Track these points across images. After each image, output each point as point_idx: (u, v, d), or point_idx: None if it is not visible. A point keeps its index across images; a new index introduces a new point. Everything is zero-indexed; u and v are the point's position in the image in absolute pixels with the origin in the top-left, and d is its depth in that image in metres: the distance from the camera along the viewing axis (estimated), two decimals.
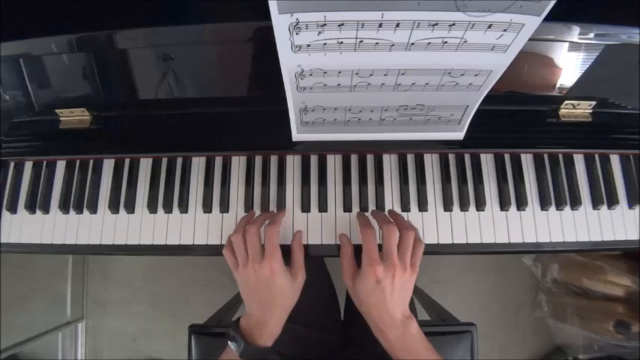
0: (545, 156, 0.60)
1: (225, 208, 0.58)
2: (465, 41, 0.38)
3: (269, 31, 0.36)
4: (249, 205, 0.58)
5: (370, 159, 0.60)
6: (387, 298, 0.44)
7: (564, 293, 1.21)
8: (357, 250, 0.51)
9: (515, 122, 0.58)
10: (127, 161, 0.62)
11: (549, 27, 0.45)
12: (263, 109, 0.57)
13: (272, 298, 0.48)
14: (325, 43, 0.38)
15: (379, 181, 0.58)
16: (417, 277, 0.47)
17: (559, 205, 0.57)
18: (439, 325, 0.79)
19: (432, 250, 0.57)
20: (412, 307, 0.80)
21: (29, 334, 1.15)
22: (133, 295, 1.40)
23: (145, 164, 0.61)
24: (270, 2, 0.33)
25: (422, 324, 0.64)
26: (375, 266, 0.44)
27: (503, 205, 0.57)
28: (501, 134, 0.57)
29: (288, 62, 0.41)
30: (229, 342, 0.48)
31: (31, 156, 0.62)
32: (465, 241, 0.56)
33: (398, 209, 0.58)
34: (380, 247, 0.47)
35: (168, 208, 0.59)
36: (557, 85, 0.55)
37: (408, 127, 0.53)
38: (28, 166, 0.63)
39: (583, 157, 0.60)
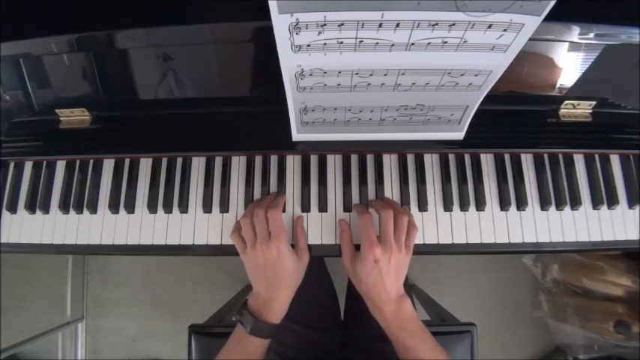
0: (545, 156, 0.60)
1: (225, 208, 0.58)
2: (465, 41, 0.38)
3: (269, 31, 0.36)
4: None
5: (370, 159, 0.60)
6: (384, 276, 0.48)
7: (564, 293, 1.21)
8: (356, 248, 0.52)
9: (515, 122, 0.58)
10: (127, 161, 0.62)
11: (549, 27, 0.45)
12: (263, 109, 0.57)
13: (279, 277, 0.50)
14: (325, 43, 0.38)
15: (379, 181, 0.58)
16: (417, 277, 0.48)
17: (559, 205, 0.57)
18: (439, 325, 0.79)
19: (432, 250, 0.57)
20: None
21: (29, 334, 1.15)
22: (133, 295, 1.40)
23: (145, 164, 0.61)
24: (270, 2, 0.33)
25: None
26: (373, 248, 0.47)
27: (503, 205, 0.57)
28: (501, 134, 0.57)
29: (288, 62, 0.41)
30: (239, 323, 0.50)
31: (31, 156, 0.62)
32: (464, 241, 0.56)
33: None
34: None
35: (168, 208, 0.59)
36: (557, 85, 0.55)
37: (408, 127, 0.53)
38: (28, 166, 0.63)
39: (583, 157, 0.60)
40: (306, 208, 0.58)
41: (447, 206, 0.57)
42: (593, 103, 0.57)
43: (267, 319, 0.50)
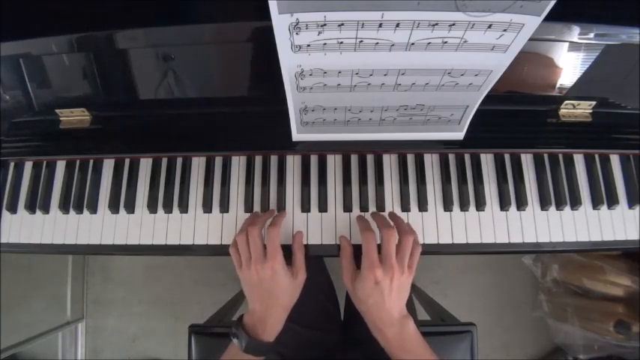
0: (545, 156, 0.60)
1: (225, 208, 0.58)
2: (465, 41, 0.38)
3: (269, 31, 0.36)
4: (249, 205, 0.58)
5: (370, 159, 0.60)
6: (386, 298, 0.46)
7: (564, 293, 1.21)
8: (357, 249, 0.51)
9: (515, 122, 0.58)
10: (127, 161, 0.62)
11: (549, 27, 0.45)
12: (263, 109, 0.57)
13: (273, 296, 0.50)
14: (325, 43, 0.38)
15: (379, 181, 0.58)
16: (417, 277, 0.48)
17: (559, 205, 0.57)
18: (439, 325, 0.79)
19: (432, 250, 0.57)
20: (412, 307, 0.80)
21: (29, 334, 1.15)
22: (133, 295, 1.40)
23: (145, 164, 0.61)
24: (270, 2, 0.33)
25: (422, 324, 0.65)
26: (374, 269, 0.46)
27: (503, 205, 0.57)
28: (501, 134, 0.57)
29: (288, 62, 0.41)
30: (233, 338, 0.50)
31: (31, 156, 0.62)
32: (465, 241, 0.56)
33: (398, 209, 0.58)
34: (379, 248, 0.48)
35: (168, 208, 0.59)
36: (557, 85, 0.55)
37: (408, 127, 0.53)
38: (28, 166, 0.63)
39: (583, 157, 0.60)
40: (306, 208, 0.58)
41: (447, 206, 0.57)
42: (593, 103, 0.57)
43: (261, 337, 0.49)
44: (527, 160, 0.60)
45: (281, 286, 0.50)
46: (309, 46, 0.38)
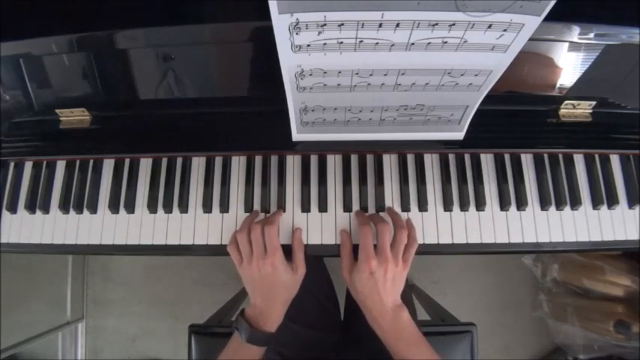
0: (545, 156, 0.60)
1: (225, 208, 0.58)
2: (465, 41, 0.38)
3: (269, 31, 0.36)
4: (249, 205, 0.58)
5: (370, 159, 0.60)
6: (380, 288, 0.49)
7: (564, 293, 1.21)
8: (356, 246, 0.53)
9: (515, 122, 0.58)
10: (127, 161, 0.62)
11: (549, 27, 0.45)
12: (263, 109, 0.57)
13: (274, 291, 0.52)
14: (325, 43, 0.38)
15: (379, 181, 0.58)
16: (417, 277, 0.49)
17: (559, 205, 0.57)
18: (439, 325, 0.79)
19: (432, 250, 0.57)
20: (412, 307, 0.80)
21: (29, 334, 1.15)
22: (133, 295, 1.40)
23: (145, 164, 0.61)
24: (270, 2, 0.33)
25: (422, 324, 0.65)
26: (369, 260, 0.48)
27: (503, 205, 0.57)
28: (501, 134, 0.57)
29: (288, 62, 0.41)
30: (236, 331, 0.52)
31: (31, 156, 0.62)
32: (465, 241, 0.56)
33: (398, 209, 0.58)
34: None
35: (168, 208, 0.59)
36: (557, 85, 0.55)
37: (408, 127, 0.53)
38: (28, 166, 0.63)
39: (583, 157, 0.60)
40: (306, 208, 0.58)
41: (447, 206, 0.57)
42: (593, 103, 0.57)
43: (263, 328, 0.51)
44: (527, 160, 0.60)
45: (281, 281, 0.51)
46: (309, 46, 0.38)
